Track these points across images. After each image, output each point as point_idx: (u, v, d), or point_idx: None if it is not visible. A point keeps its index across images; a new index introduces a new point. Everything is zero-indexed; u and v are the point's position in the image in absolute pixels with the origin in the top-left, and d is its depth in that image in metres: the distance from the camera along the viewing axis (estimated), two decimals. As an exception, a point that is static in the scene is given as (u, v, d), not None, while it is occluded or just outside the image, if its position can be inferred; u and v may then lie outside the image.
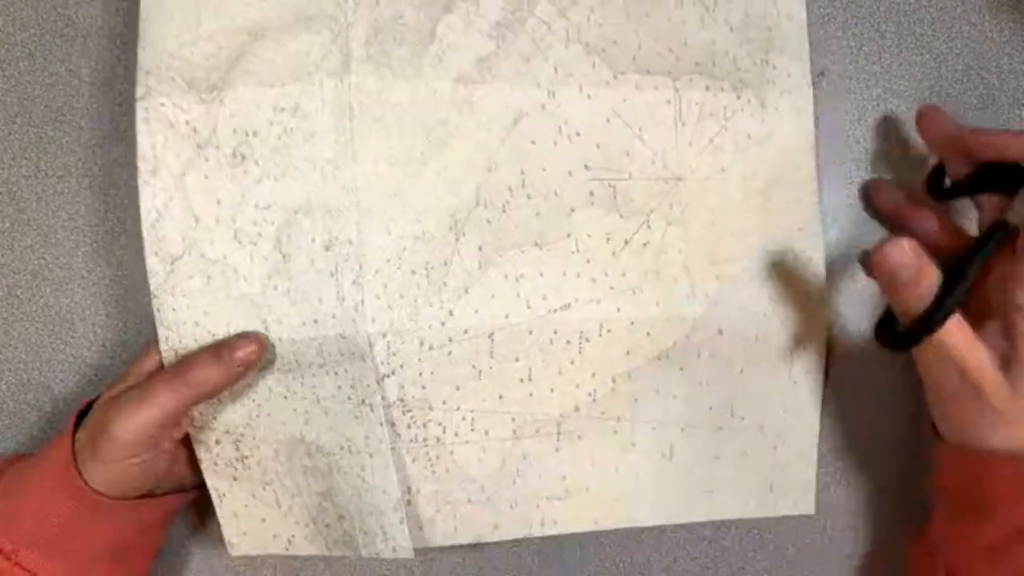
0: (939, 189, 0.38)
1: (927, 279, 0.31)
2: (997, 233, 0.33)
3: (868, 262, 0.38)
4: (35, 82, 0.40)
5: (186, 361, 0.33)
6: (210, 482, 0.37)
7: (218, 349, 0.33)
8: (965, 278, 0.31)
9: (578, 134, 0.36)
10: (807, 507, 0.40)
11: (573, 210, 0.36)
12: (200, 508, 0.39)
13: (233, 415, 0.36)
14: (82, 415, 0.34)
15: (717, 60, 0.38)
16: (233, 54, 0.35)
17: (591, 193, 0.36)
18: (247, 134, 0.34)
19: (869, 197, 0.40)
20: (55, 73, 0.40)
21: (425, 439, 0.36)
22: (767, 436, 0.39)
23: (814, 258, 0.39)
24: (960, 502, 0.35)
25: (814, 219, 0.39)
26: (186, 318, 0.34)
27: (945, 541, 0.35)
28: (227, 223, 0.34)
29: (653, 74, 0.37)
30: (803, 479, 0.40)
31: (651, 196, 0.37)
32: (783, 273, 0.38)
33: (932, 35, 0.42)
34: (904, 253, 0.31)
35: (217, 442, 0.36)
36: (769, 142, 0.38)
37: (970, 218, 0.38)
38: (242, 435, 0.36)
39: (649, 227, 0.37)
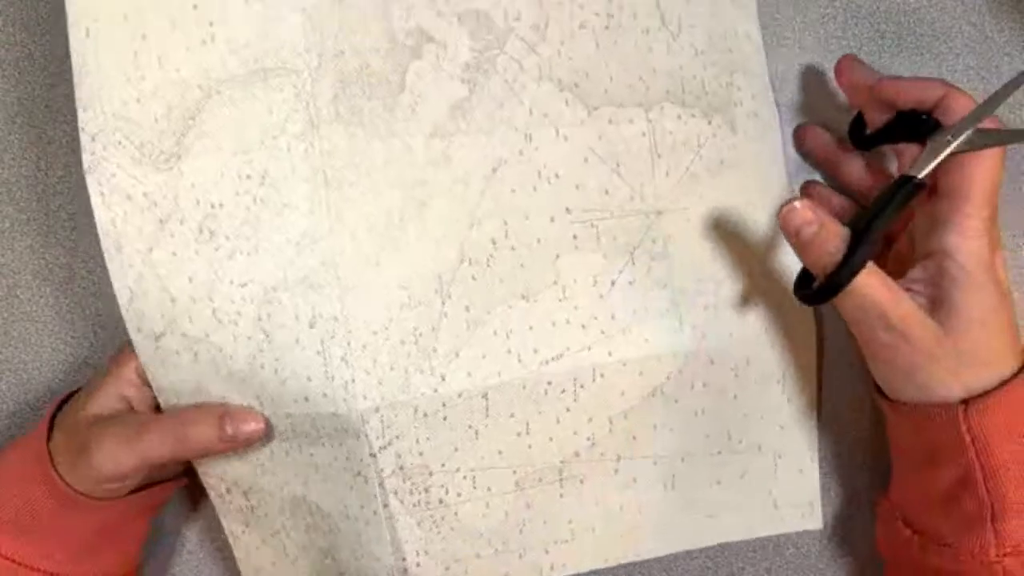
0: (860, 138, 0.38)
1: (832, 236, 0.32)
2: (902, 188, 0.33)
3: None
4: (35, 82, 0.40)
5: (187, 418, 0.33)
6: (225, 524, 0.37)
7: (223, 419, 0.32)
8: (872, 234, 0.32)
9: (557, 176, 0.35)
10: (814, 522, 0.40)
11: (558, 256, 0.35)
12: (193, 493, 0.39)
13: (240, 469, 0.35)
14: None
15: (686, 85, 0.37)
16: (185, 114, 0.32)
17: (574, 236, 0.36)
18: (212, 206, 0.32)
19: (800, 141, 0.40)
20: (55, 73, 0.40)
21: (428, 503, 0.35)
22: (766, 455, 0.39)
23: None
24: (909, 455, 0.36)
25: None
26: (181, 388, 0.34)
27: (901, 494, 0.36)
28: (204, 301, 0.33)
29: (626, 106, 0.36)
30: (807, 494, 0.40)
31: (633, 232, 0.36)
32: (768, 293, 0.38)
33: (932, 35, 0.42)
34: (799, 213, 0.32)
35: (228, 491, 0.36)
36: (742, 165, 0.38)
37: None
38: (250, 488, 0.36)
39: (634, 264, 0.36)
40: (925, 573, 0.35)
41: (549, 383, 0.35)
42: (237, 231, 0.33)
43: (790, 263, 0.38)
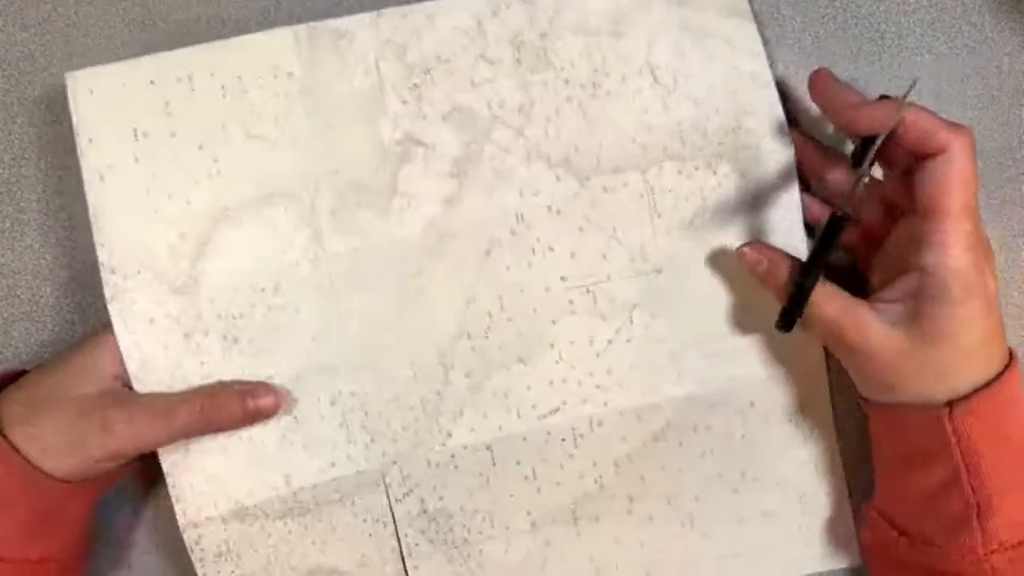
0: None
1: (779, 272, 0.35)
2: (830, 227, 0.33)
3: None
4: (35, 82, 0.40)
5: (215, 395, 0.35)
6: None
7: (244, 394, 0.35)
8: (811, 268, 0.34)
9: (551, 249, 0.37)
10: (852, 557, 0.40)
11: (554, 322, 0.37)
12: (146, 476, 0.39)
13: (251, 565, 0.37)
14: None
15: (687, 139, 0.37)
16: (198, 240, 0.36)
17: (570, 302, 0.37)
18: (233, 317, 0.36)
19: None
20: (55, 73, 0.40)
21: (453, 541, 0.38)
22: (789, 493, 0.39)
23: None
24: (892, 457, 0.36)
25: None
26: (205, 497, 0.37)
27: (886, 496, 0.37)
28: None
29: (621, 171, 0.37)
30: (841, 529, 0.40)
31: (632, 293, 0.37)
32: (773, 333, 0.38)
33: (932, 35, 0.42)
34: (748, 255, 0.36)
35: None
36: (753, 208, 0.38)
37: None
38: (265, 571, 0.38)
39: (632, 323, 0.38)
40: (913, 574, 0.35)
41: (548, 433, 0.38)
42: (258, 335, 0.36)
43: None
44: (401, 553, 0.38)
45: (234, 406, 0.35)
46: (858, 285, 0.36)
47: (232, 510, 0.37)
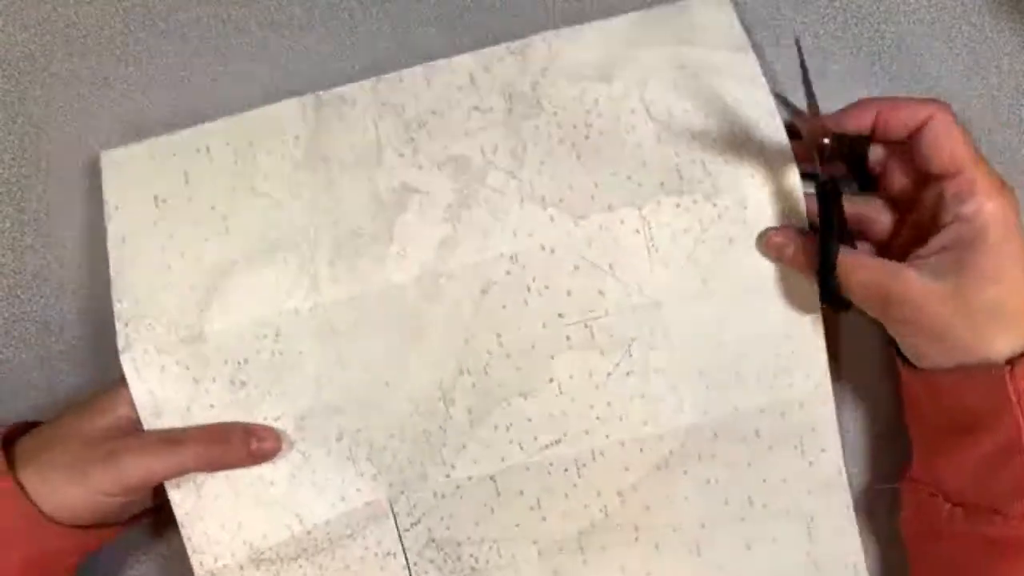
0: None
1: (801, 248, 0.35)
2: (823, 195, 0.34)
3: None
4: (35, 82, 0.40)
5: (219, 434, 0.36)
6: None
7: (248, 436, 0.36)
8: (830, 239, 0.34)
9: (547, 287, 0.37)
10: None
11: (552, 357, 0.38)
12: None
13: None
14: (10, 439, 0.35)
15: (684, 172, 0.37)
16: (205, 292, 0.38)
17: (568, 338, 0.38)
18: (239, 362, 0.37)
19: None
20: (55, 74, 0.40)
21: (462, 570, 0.39)
22: (795, 519, 0.39)
23: (812, 335, 0.38)
24: (941, 424, 0.35)
25: (811, 298, 0.37)
26: (221, 546, 0.38)
27: (930, 468, 0.36)
28: None
29: (616, 208, 0.37)
30: (849, 553, 0.39)
31: (630, 327, 0.38)
32: (778, 365, 0.38)
33: (932, 35, 0.42)
34: (771, 242, 0.36)
35: None
36: (755, 236, 0.37)
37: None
38: None
39: (631, 355, 0.38)
40: (972, 545, 0.34)
41: (551, 464, 0.38)
42: (263, 379, 0.37)
43: (806, 329, 0.37)
44: None
45: (239, 445, 0.36)
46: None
47: (248, 556, 0.38)
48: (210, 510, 0.37)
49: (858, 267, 0.34)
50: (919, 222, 0.35)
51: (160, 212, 0.38)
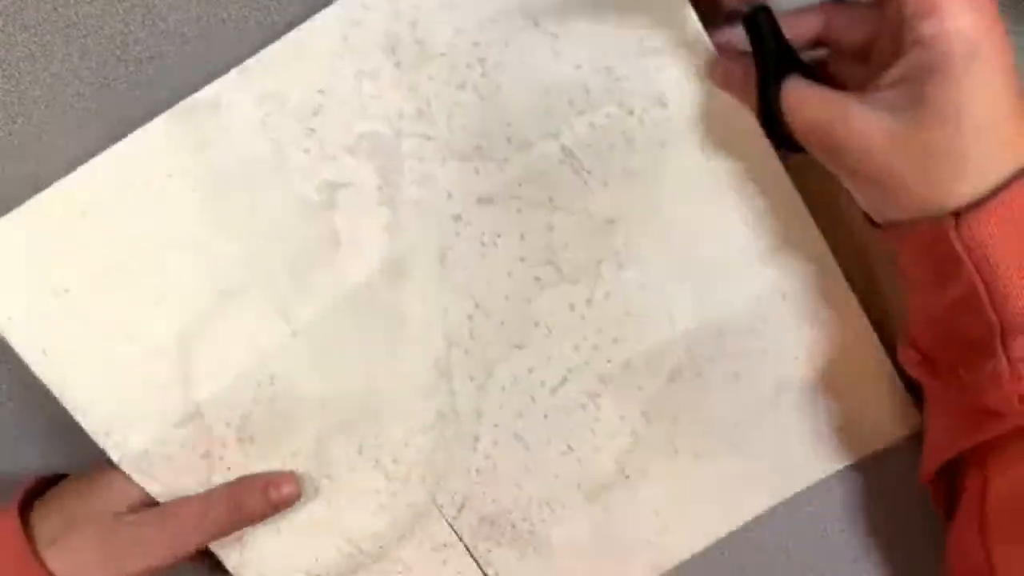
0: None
1: (738, 77, 0.32)
2: (751, 23, 0.31)
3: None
4: (36, 82, 0.40)
5: (239, 491, 0.36)
6: None
7: (267, 487, 0.36)
8: (768, 73, 0.30)
9: (499, 236, 0.37)
10: (902, 429, 0.39)
11: (529, 301, 0.37)
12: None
13: None
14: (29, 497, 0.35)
15: (590, 84, 0.36)
16: (179, 370, 0.36)
17: (537, 279, 0.37)
18: (240, 418, 0.37)
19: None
20: (55, 74, 0.40)
21: (520, 537, 0.39)
22: (829, 389, 0.38)
23: (792, 203, 0.37)
24: (909, 275, 0.32)
25: (776, 169, 0.36)
26: (274, 570, 0.38)
27: (912, 319, 0.34)
28: None
29: (533, 142, 0.36)
30: (890, 404, 0.38)
31: (593, 250, 0.37)
32: (764, 239, 0.37)
33: (932, 34, 0.42)
34: (714, 72, 0.33)
35: None
36: (692, 127, 0.36)
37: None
38: None
39: (603, 277, 0.37)
40: (950, 410, 0.33)
41: (566, 404, 0.38)
42: (270, 425, 0.37)
43: (782, 194, 0.36)
44: (478, 565, 0.39)
45: (258, 500, 0.36)
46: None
47: None
48: (259, 553, 0.38)
49: (803, 104, 0.29)
50: (886, 40, 0.30)
51: (67, 303, 0.34)
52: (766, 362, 0.38)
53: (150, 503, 0.36)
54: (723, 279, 0.37)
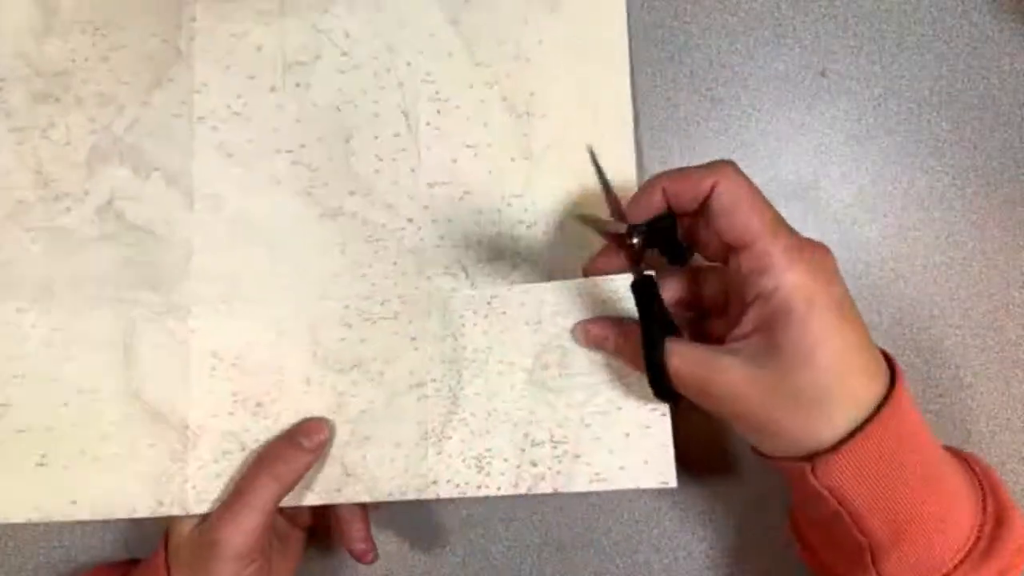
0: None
1: (631, 341, 0.33)
2: (640, 294, 0.32)
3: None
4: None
5: (270, 456, 0.36)
6: None
7: (294, 436, 0.37)
8: (654, 344, 0.32)
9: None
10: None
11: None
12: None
13: None
14: None
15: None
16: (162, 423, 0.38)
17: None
18: (238, 400, 0.38)
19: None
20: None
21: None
22: None
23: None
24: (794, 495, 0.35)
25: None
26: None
27: (794, 514, 0.37)
28: None
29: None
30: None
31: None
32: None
33: (932, 35, 0.42)
34: (592, 329, 0.35)
35: None
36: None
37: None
38: None
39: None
40: None
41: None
42: (263, 386, 0.39)
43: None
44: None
45: (293, 452, 0.36)
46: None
47: None
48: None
49: (680, 361, 0.31)
50: (735, 291, 0.33)
51: None
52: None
53: (201, 522, 0.37)
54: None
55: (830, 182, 0.42)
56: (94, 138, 0.40)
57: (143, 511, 0.37)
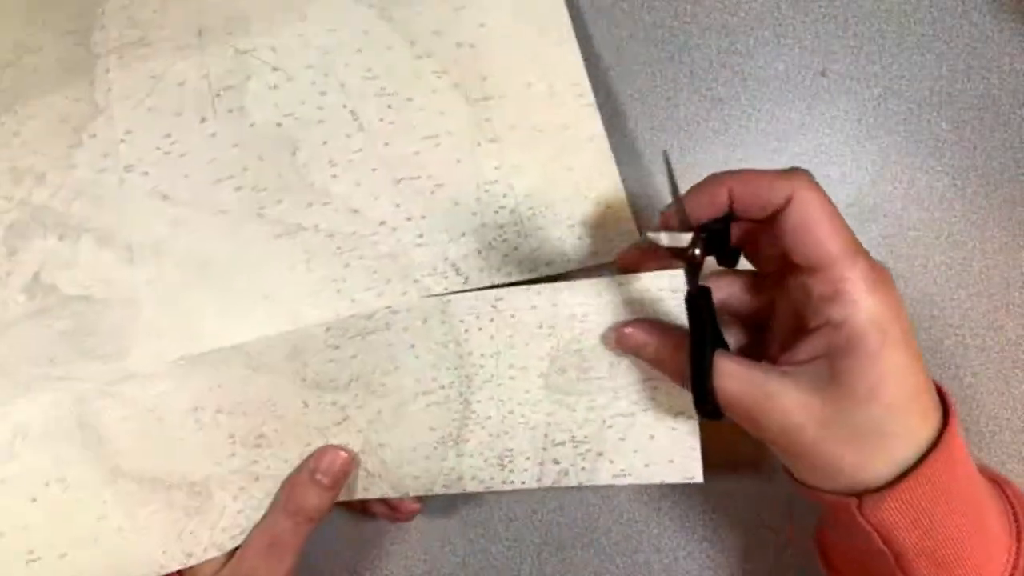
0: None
1: (673, 348, 0.32)
2: (693, 307, 0.31)
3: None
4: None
5: (289, 498, 0.36)
6: None
7: (313, 472, 0.36)
8: (703, 359, 0.30)
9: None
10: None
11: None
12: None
13: None
14: None
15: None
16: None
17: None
18: (237, 441, 0.37)
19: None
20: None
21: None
22: None
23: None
24: (829, 522, 0.33)
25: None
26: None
27: (824, 534, 0.35)
28: None
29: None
30: None
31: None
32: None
33: (932, 35, 0.42)
34: (633, 334, 0.33)
35: None
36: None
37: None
38: None
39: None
40: None
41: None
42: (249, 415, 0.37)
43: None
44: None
45: (310, 489, 0.35)
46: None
47: None
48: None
49: (728, 380, 0.29)
50: (792, 309, 0.31)
51: None
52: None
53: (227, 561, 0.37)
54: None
55: (830, 182, 0.42)
56: (10, 216, 0.38)
57: (173, 565, 0.36)
